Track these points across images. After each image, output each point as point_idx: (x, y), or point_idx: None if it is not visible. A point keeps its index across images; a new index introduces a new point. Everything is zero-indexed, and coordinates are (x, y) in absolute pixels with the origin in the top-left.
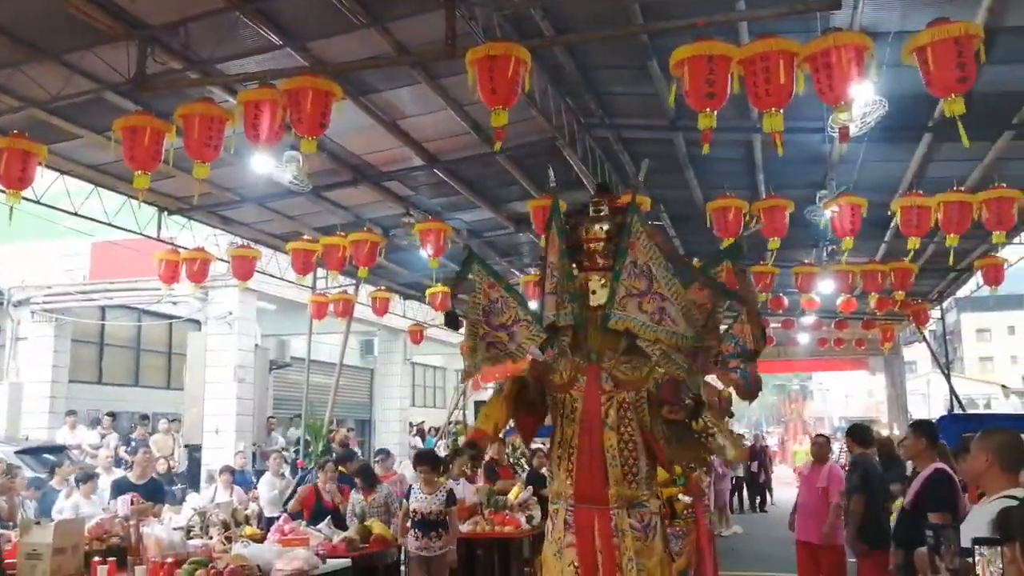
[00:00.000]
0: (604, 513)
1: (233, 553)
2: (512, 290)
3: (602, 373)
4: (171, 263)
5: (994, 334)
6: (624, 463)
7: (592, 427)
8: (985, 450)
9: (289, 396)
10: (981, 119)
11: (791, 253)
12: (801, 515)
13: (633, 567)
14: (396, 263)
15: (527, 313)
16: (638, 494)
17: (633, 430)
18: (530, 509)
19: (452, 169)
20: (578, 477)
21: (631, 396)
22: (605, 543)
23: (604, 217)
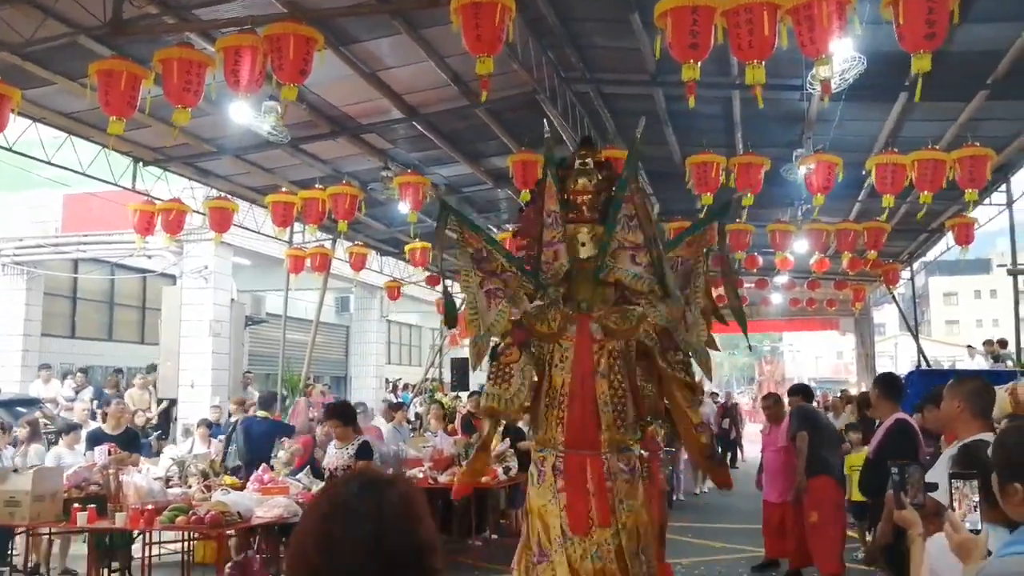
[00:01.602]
0: (596, 458)
1: (214, 500)
2: (493, 242)
3: (592, 323)
4: (146, 214)
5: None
6: (615, 409)
7: (584, 375)
8: (956, 397)
9: (264, 352)
10: (956, 78)
11: (767, 212)
12: (766, 475)
13: (624, 508)
14: (374, 218)
15: (512, 263)
16: (626, 439)
17: (623, 378)
18: (507, 460)
19: (431, 122)
20: (569, 424)
21: (620, 345)
22: (599, 487)
23: (590, 170)
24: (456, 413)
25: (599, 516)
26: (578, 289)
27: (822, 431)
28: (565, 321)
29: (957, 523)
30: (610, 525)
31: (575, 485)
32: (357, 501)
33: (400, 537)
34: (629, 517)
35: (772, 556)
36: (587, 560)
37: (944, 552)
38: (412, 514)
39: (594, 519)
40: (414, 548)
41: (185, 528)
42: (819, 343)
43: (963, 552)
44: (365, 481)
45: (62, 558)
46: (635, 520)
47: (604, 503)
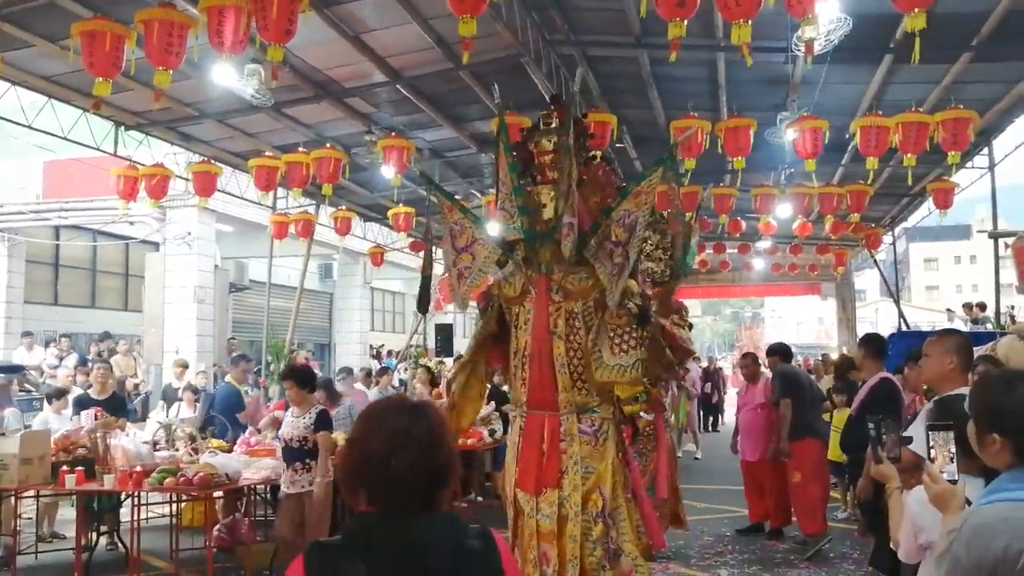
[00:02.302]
0: (554, 418)
1: (202, 462)
2: (467, 211)
3: (552, 284)
4: (129, 179)
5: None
6: (573, 370)
7: (542, 336)
8: (949, 352)
9: (248, 319)
10: (940, 40)
11: (750, 176)
12: (743, 435)
13: (579, 470)
14: (357, 183)
15: (483, 231)
16: (588, 400)
17: (581, 339)
18: (492, 423)
19: (415, 86)
20: (530, 385)
21: (579, 306)
22: (552, 446)
23: (553, 130)
24: (441, 377)
25: (547, 476)
26: (539, 251)
27: (805, 393)
28: (527, 283)
29: (935, 474)
30: (559, 487)
31: (531, 444)
32: (410, 424)
33: (445, 445)
34: (588, 479)
35: (756, 520)
36: (533, 519)
37: (925, 505)
38: (445, 432)
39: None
40: (451, 456)
41: (173, 490)
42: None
43: (941, 502)
44: (410, 408)
45: (50, 522)
46: (596, 483)
47: (553, 463)
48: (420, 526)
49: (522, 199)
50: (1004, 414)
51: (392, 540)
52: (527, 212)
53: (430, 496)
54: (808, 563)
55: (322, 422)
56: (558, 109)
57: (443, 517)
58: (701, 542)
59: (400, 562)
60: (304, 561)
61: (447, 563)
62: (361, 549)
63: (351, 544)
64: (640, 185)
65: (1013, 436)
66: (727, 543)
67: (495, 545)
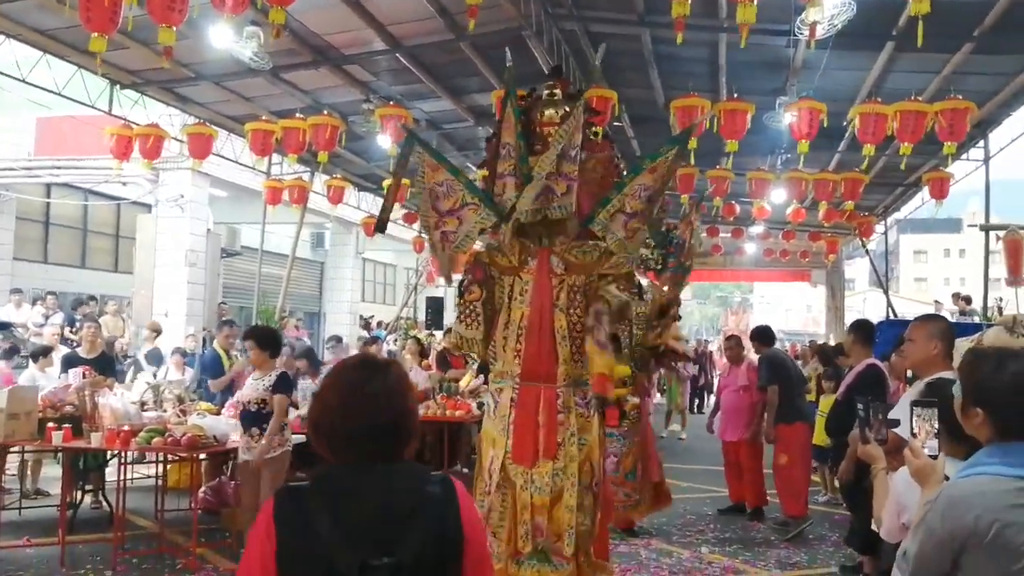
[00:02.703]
0: (550, 391)
1: (190, 424)
2: (458, 172)
3: (553, 257)
4: (123, 138)
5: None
6: (573, 343)
7: (543, 309)
8: (934, 337)
9: (239, 285)
10: (942, 29)
11: (746, 160)
12: (723, 415)
13: (575, 442)
14: (353, 152)
15: (475, 196)
16: (583, 373)
17: (582, 312)
18: (480, 396)
19: (415, 55)
20: (527, 356)
21: (581, 280)
22: (549, 418)
23: (557, 101)
24: (431, 349)
25: (545, 448)
26: (542, 224)
27: (792, 378)
28: (526, 254)
29: (917, 449)
30: (557, 458)
31: (526, 416)
32: (364, 379)
33: (395, 401)
34: (582, 450)
35: (736, 500)
36: (526, 491)
37: (910, 485)
38: (403, 387)
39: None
40: (403, 411)
41: (161, 450)
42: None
43: (921, 476)
44: (370, 366)
45: (34, 479)
46: (588, 454)
47: (552, 435)
48: (381, 473)
49: (528, 167)
50: (990, 390)
51: (355, 485)
52: (529, 181)
53: (387, 448)
54: (788, 543)
55: (282, 384)
56: (561, 81)
57: (404, 466)
58: (683, 520)
59: (363, 505)
60: (274, 503)
61: (407, 506)
62: (327, 493)
63: (318, 488)
64: (655, 162)
65: (995, 412)
66: (708, 522)
67: (453, 490)
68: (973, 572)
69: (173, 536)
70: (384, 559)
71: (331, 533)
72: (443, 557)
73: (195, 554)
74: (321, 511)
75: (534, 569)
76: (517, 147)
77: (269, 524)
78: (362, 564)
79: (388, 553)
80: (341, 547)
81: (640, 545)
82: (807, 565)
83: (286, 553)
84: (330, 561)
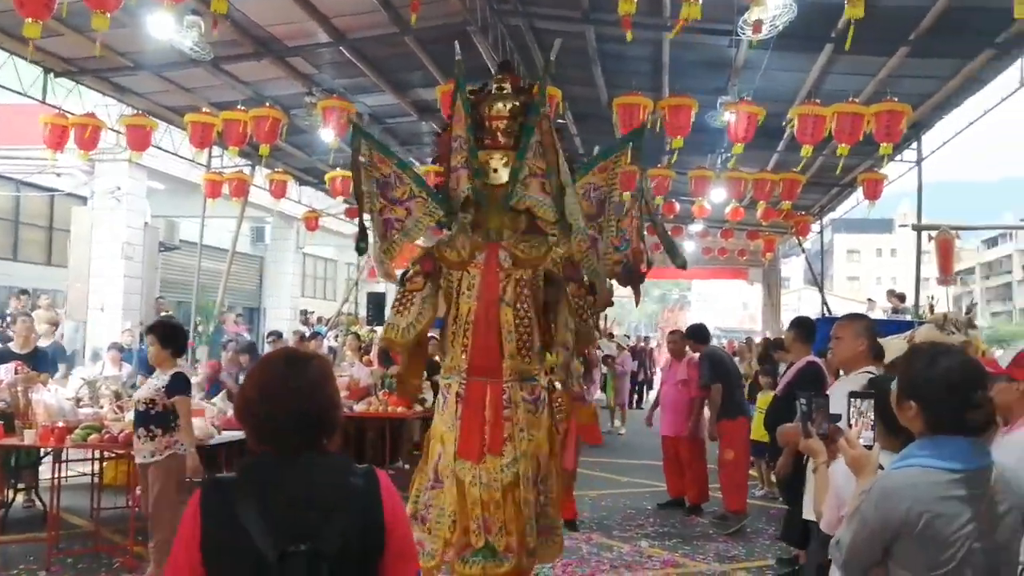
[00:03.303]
0: (497, 385)
1: (128, 420)
2: (405, 166)
3: (501, 251)
4: (58, 128)
5: (863, 255)
6: (519, 338)
7: (490, 303)
8: (860, 335)
9: (178, 280)
10: (880, 32)
11: (687, 159)
12: (663, 410)
13: (524, 438)
14: (295, 145)
15: (423, 190)
16: (530, 368)
17: (528, 307)
18: (422, 392)
19: (358, 48)
20: (473, 351)
21: (528, 275)
22: (496, 414)
23: (507, 95)
24: (373, 345)
25: (491, 443)
26: (489, 216)
27: (732, 375)
28: (474, 249)
29: (853, 440)
30: (502, 453)
31: (473, 411)
32: (283, 371)
33: (312, 395)
34: (530, 446)
35: (675, 495)
36: (476, 487)
37: (850, 479)
38: (322, 381)
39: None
40: (321, 402)
41: (97, 447)
42: (726, 293)
43: (856, 466)
44: (290, 358)
45: None
46: (535, 450)
47: (498, 430)
48: (306, 464)
49: (477, 161)
50: (922, 385)
51: (279, 476)
52: (478, 175)
53: (311, 439)
54: (727, 537)
55: (176, 385)
56: (511, 75)
57: (328, 458)
58: (623, 514)
59: (286, 496)
60: (200, 493)
61: (330, 498)
62: (252, 485)
63: (244, 480)
64: (606, 160)
65: (926, 406)
66: (648, 516)
67: (377, 483)
68: (903, 561)
69: (110, 535)
70: (302, 547)
71: (254, 523)
72: (365, 548)
73: (132, 552)
74: (245, 501)
75: (479, 566)
76: (467, 140)
77: (195, 514)
78: (282, 552)
79: (306, 542)
80: (264, 536)
81: (581, 539)
82: (745, 558)
83: (210, 542)
84: (253, 550)
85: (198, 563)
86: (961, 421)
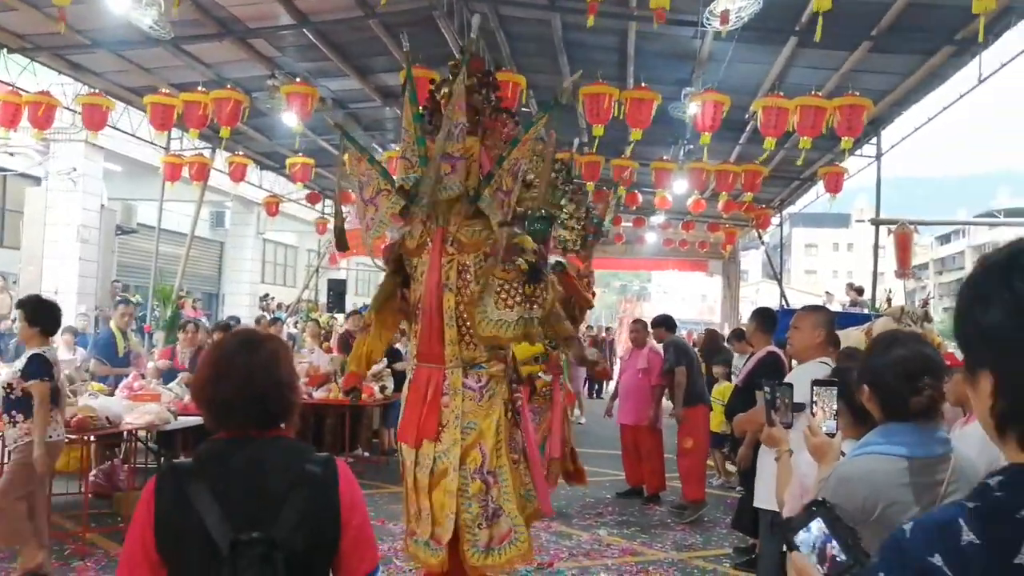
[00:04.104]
0: (438, 372)
1: (80, 404)
2: (375, 162)
3: (447, 236)
4: (11, 105)
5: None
6: (462, 324)
7: (433, 288)
8: (818, 326)
9: (135, 264)
10: (843, 27)
11: (650, 150)
12: (622, 398)
13: (459, 425)
14: (256, 129)
15: (388, 183)
16: (476, 356)
17: (472, 292)
18: (383, 380)
19: (322, 32)
20: (420, 337)
21: (472, 259)
22: (433, 399)
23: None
24: (333, 332)
25: (426, 428)
26: (440, 203)
27: (694, 363)
28: (426, 235)
29: (815, 427)
30: (438, 439)
31: (416, 397)
32: (236, 351)
33: (265, 375)
34: (470, 435)
35: (633, 484)
36: (413, 470)
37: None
38: (276, 362)
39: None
40: (275, 383)
41: None
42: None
43: (819, 454)
44: (245, 338)
45: None
46: (477, 439)
47: (433, 416)
48: (260, 449)
49: (424, 149)
50: (875, 371)
51: (233, 460)
52: (426, 162)
53: (265, 422)
54: (685, 526)
55: (32, 367)
56: (473, 59)
57: (285, 443)
58: (582, 503)
59: (239, 482)
60: (156, 478)
61: (283, 484)
62: (206, 469)
63: (198, 465)
64: (528, 133)
65: (878, 391)
66: (607, 505)
67: (335, 471)
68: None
69: (61, 521)
70: (254, 534)
71: (208, 508)
72: (320, 536)
73: (85, 539)
74: (199, 486)
75: (420, 548)
76: (412, 130)
77: (149, 499)
78: (235, 538)
79: (260, 529)
80: (217, 522)
81: (540, 528)
82: (702, 547)
83: (164, 527)
84: (207, 535)
85: (152, 547)
86: (905, 405)
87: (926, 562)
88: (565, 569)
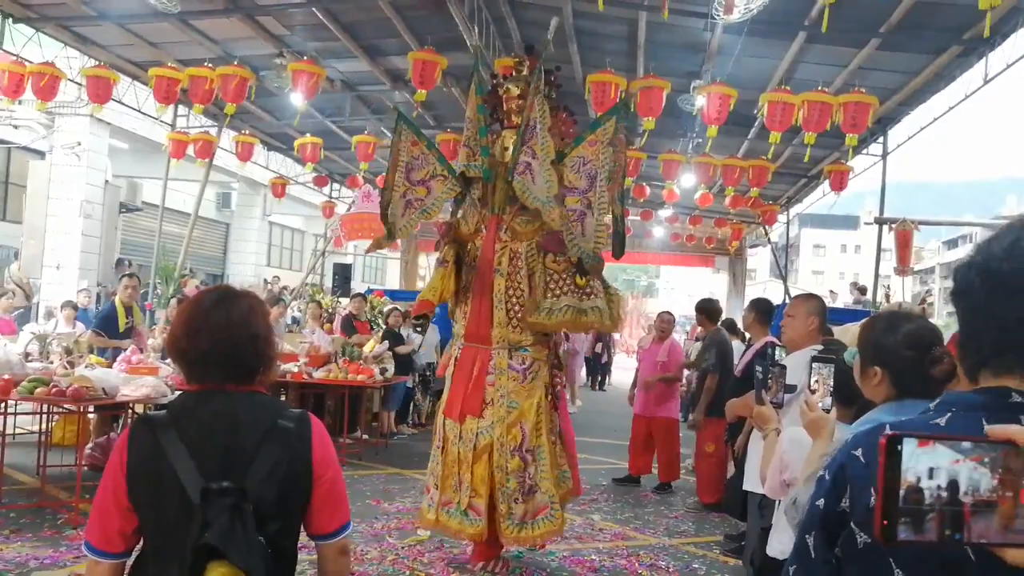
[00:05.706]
0: (485, 352)
1: (77, 374)
2: (433, 147)
3: (502, 224)
4: (15, 75)
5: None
6: (509, 308)
7: (485, 272)
8: (812, 314)
9: (138, 242)
10: (851, 23)
11: (658, 143)
12: (639, 389)
13: (504, 404)
14: (263, 108)
15: (444, 168)
16: (521, 339)
17: (522, 279)
18: (384, 362)
19: (332, 11)
20: (470, 318)
21: (523, 247)
22: (478, 378)
23: (522, 77)
24: (336, 314)
25: (470, 404)
26: (496, 192)
27: (730, 374)
28: (480, 222)
29: (813, 403)
30: (482, 416)
31: (462, 375)
32: (212, 306)
33: (240, 329)
34: (511, 413)
35: (634, 473)
36: (455, 445)
37: (796, 444)
38: (252, 316)
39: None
40: (251, 335)
41: (44, 400)
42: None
43: (815, 429)
44: (222, 294)
45: None
46: (519, 418)
47: (478, 393)
48: (235, 402)
49: (486, 139)
50: (887, 349)
51: (207, 413)
52: (488, 152)
53: (238, 375)
54: (679, 514)
55: None
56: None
57: (260, 398)
58: None
59: (209, 433)
60: (129, 429)
61: (254, 437)
62: (178, 420)
63: (172, 416)
64: (595, 133)
65: (892, 369)
66: (603, 491)
67: (309, 427)
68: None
69: (56, 492)
70: (224, 483)
71: (179, 457)
72: (290, 490)
73: (78, 509)
74: (170, 435)
75: (456, 519)
76: (476, 119)
77: (123, 447)
78: (204, 488)
79: (231, 479)
80: (188, 471)
81: None
82: (694, 534)
83: (136, 475)
84: (177, 484)
85: (123, 494)
86: (927, 379)
87: (850, 455)
88: (556, 551)
